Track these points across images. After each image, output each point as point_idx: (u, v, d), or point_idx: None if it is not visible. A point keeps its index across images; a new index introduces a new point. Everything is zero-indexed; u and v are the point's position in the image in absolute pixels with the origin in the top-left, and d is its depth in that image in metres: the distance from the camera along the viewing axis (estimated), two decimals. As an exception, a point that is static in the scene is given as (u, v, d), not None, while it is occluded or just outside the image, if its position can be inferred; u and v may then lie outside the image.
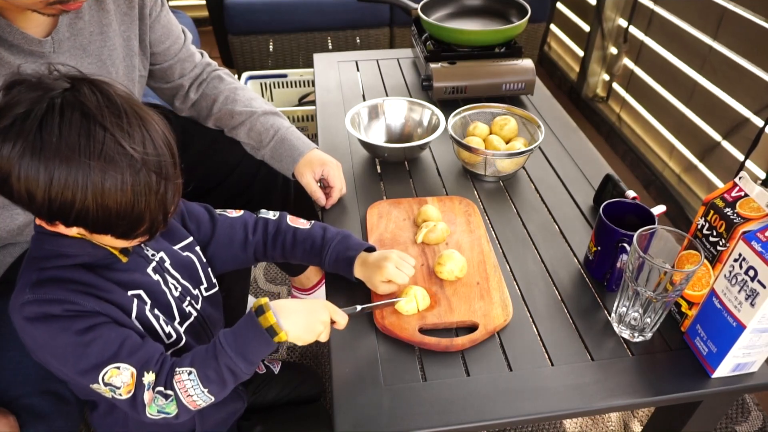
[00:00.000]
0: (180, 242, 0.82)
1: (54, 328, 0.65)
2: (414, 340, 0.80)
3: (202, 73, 1.16)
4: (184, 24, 2.09)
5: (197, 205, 0.88)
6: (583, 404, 0.73)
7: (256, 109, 1.12)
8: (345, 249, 0.87)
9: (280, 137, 1.09)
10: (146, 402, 0.67)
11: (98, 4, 0.94)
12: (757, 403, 1.36)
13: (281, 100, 2.31)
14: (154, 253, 0.77)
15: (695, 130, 1.83)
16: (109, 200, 0.60)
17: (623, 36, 2.18)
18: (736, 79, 1.63)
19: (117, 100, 0.61)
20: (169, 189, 0.64)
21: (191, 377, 0.68)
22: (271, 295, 1.63)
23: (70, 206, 0.60)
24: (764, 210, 0.71)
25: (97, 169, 0.58)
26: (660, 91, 1.99)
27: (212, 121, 1.15)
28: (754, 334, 0.70)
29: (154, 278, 0.75)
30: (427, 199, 1.07)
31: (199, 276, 0.84)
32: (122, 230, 0.64)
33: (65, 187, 0.58)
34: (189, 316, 0.80)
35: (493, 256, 0.94)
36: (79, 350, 0.65)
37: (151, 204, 0.63)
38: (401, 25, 2.43)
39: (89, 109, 0.58)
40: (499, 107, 1.21)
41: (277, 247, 0.89)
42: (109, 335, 0.67)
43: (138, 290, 0.73)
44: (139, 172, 0.60)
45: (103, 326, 0.67)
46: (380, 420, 0.71)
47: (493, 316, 0.84)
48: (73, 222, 0.62)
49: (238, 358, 0.68)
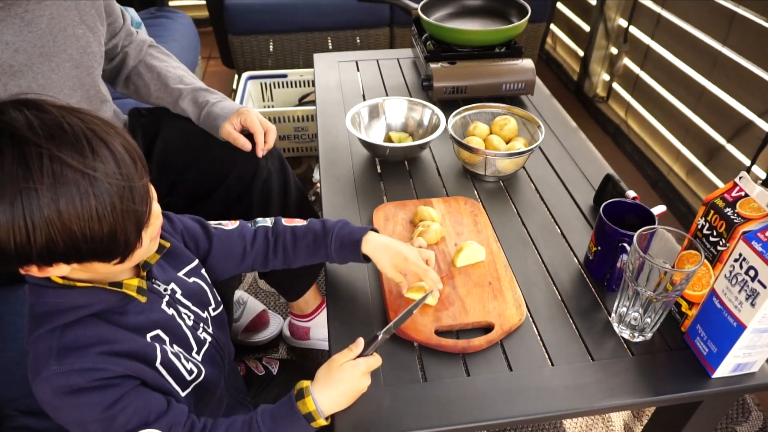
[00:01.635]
0: (186, 266, 0.80)
1: (83, 403, 0.62)
2: (431, 343, 0.80)
3: (141, 52, 1.18)
4: (184, 24, 2.10)
5: (189, 219, 0.86)
6: (583, 404, 0.73)
7: (186, 86, 1.16)
8: (349, 233, 0.86)
9: (206, 111, 1.13)
10: None
11: None
12: (757, 403, 1.36)
13: (281, 100, 2.31)
14: (166, 287, 0.75)
15: (700, 132, 1.83)
16: (72, 222, 0.54)
17: (623, 36, 2.18)
18: (740, 81, 1.63)
19: (55, 113, 0.55)
20: (136, 195, 0.58)
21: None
22: (271, 294, 1.63)
23: (29, 242, 0.54)
24: (764, 210, 0.71)
25: (45, 191, 0.52)
26: (665, 94, 1.98)
27: (153, 101, 1.19)
28: (755, 334, 0.70)
29: (169, 313, 0.73)
30: (432, 200, 1.07)
31: (207, 298, 0.83)
32: (104, 250, 0.58)
33: (15, 219, 0.52)
34: (204, 342, 0.79)
35: (502, 255, 0.95)
36: (106, 423, 0.63)
37: (120, 215, 0.57)
38: (401, 25, 2.43)
39: (19, 132, 0.52)
40: (499, 107, 1.21)
41: (278, 251, 0.88)
42: (136, 404, 0.65)
43: (155, 330, 0.70)
44: (96, 183, 0.54)
45: (130, 393, 0.65)
46: (380, 420, 0.71)
47: (507, 315, 0.84)
48: (47, 259, 0.56)
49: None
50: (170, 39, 1.93)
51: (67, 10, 0.97)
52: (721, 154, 1.74)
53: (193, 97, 1.14)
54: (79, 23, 0.99)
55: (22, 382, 0.88)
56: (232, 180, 1.16)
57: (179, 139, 1.17)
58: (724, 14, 1.65)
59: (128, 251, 0.61)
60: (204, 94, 1.15)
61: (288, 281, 1.35)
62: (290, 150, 2.18)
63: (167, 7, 2.20)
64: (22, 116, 0.53)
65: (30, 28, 0.91)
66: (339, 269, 0.93)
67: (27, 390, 0.87)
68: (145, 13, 2.10)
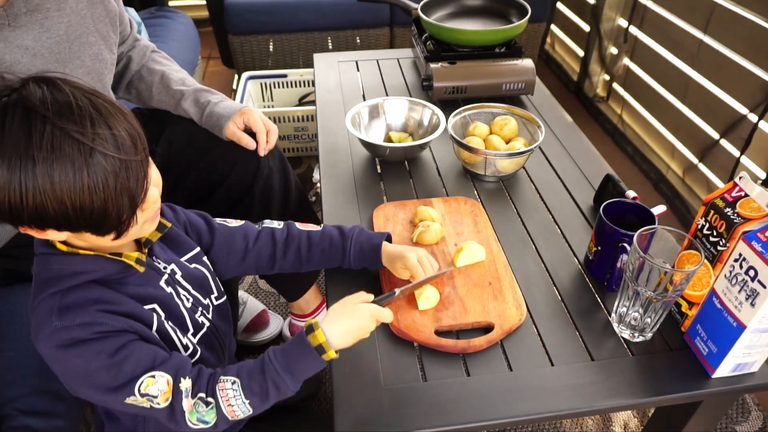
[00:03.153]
0: (187, 253, 0.82)
1: (87, 352, 0.64)
2: (431, 343, 0.80)
3: (144, 57, 1.20)
4: (184, 24, 2.10)
5: (194, 214, 0.88)
6: (583, 404, 0.73)
7: (188, 87, 1.17)
8: (368, 239, 0.88)
9: (208, 111, 1.14)
10: (186, 409, 0.68)
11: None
12: (757, 403, 1.36)
13: (281, 100, 2.31)
14: (166, 265, 0.77)
15: (699, 130, 1.83)
16: (63, 193, 0.57)
17: (623, 36, 2.18)
18: (729, 75, 1.63)
19: (68, 92, 0.59)
20: (131, 175, 0.61)
21: (234, 387, 0.69)
22: (271, 294, 1.63)
23: (21, 205, 0.58)
24: (764, 210, 0.71)
25: (42, 160, 0.56)
26: (665, 95, 1.98)
27: (154, 104, 1.19)
28: (755, 334, 0.70)
29: (167, 291, 0.75)
30: (432, 200, 1.07)
31: (210, 285, 0.84)
32: (95, 223, 0.61)
33: (11, 182, 0.57)
34: (202, 327, 0.80)
35: (502, 255, 0.95)
36: (113, 370, 0.65)
37: (113, 191, 0.60)
38: (401, 25, 2.43)
39: (31, 104, 0.57)
40: (499, 107, 1.21)
41: (289, 254, 0.88)
42: (140, 351, 0.67)
43: (152, 304, 0.72)
44: (92, 159, 0.58)
45: (132, 344, 0.67)
46: (380, 420, 0.71)
47: (507, 316, 0.84)
48: (39, 223, 0.60)
49: (286, 374, 0.69)
50: (170, 39, 1.93)
51: (83, 18, 0.99)
52: (717, 151, 1.74)
53: (194, 98, 1.15)
54: (93, 31, 1.02)
55: (23, 382, 0.88)
56: (234, 179, 1.17)
57: (182, 139, 1.18)
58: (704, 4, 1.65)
59: (123, 228, 0.64)
60: (205, 94, 1.15)
61: (288, 282, 1.35)
62: (290, 150, 2.18)
63: (167, 7, 2.20)
64: (39, 91, 0.58)
65: (49, 35, 0.93)
66: (339, 269, 0.93)
67: (27, 390, 0.87)
68: (145, 13, 2.10)
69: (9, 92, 0.58)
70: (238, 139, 1.11)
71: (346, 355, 0.79)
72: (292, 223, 0.91)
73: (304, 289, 1.37)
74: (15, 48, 0.89)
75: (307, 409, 1.17)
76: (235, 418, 0.70)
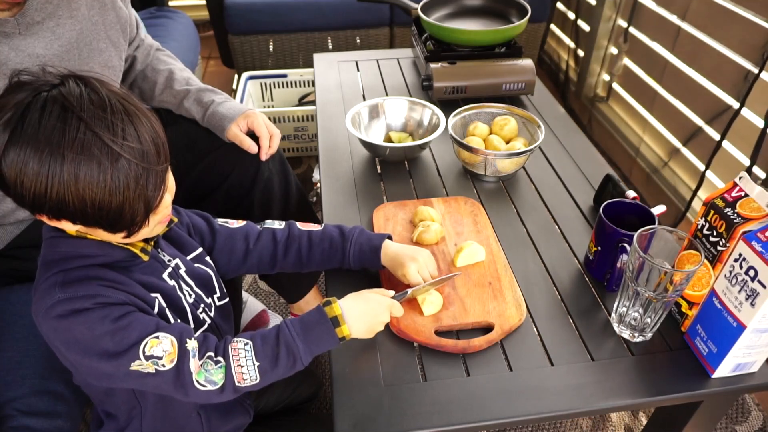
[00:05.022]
0: (191, 253, 0.82)
1: (90, 319, 0.65)
2: (431, 343, 0.80)
3: (148, 56, 1.19)
4: (184, 24, 2.10)
5: (196, 215, 0.88)
6: (583, 404, 0.73)
7: (192, 86, 1.17)
8: (368, 240, 0.88)
9: (211, 111, 1.13)
10: (193, 370, 0.68)
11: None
12: (757, 403, 1.36)
13: (281, 100, 2.31)
14: (170, 258, 0.77)
15: (699, 130, 1.83)
16: (85, 191, 0.60)
17: (623, 36, 2.18)
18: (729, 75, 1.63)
19: (104, 94, 0.61)
20: (150, 182, 0.64)
21: (246, 347, 0.70)
22: (271, 294, 1.63)
23: (45, 195, 0.60)
24: (764, 210, 0.71)
25: (70, 159, 0.59)
26: (666, 95, 1.99)
27: (156, 104, 1.19)
28: (755, 334, 0.70)
29: (170, 283, 0.75)
30: (432, 200, 1.07)
31: (213, 285, 0.84)
32: (110, 222, 0.64)
33: (39, 173, 0.59)
34: (203, 323, 0.80)
35: (502, 255, 0.95)
36: (118, 336, 0.65)
37: (131, 195, 0.62)
38: (401, 25, 2.43)
39: (69, 102, 0.59)
40: (499, 107, 1.21)
41: (290, 254, 0.88)
42: (143, 318, 0.68)
43: (156, 294, 0.73)
44: (117, 163, 0.60)
45: (135, 313, 0.68)
46: (380, 420, 0.71)
47: (507, 316, 0.84)
48: (57, 214, 0.62)
49: (299, 339, 0.71)
50: (170, 39, 1.93)
51: (95, 24, 0.99)
52: (720, 154, 1.74)
53: (197, 97, 1.15)
54: (104, 37, 1.02)
55: (22, 382, 0.88)
56: (234, 180, 1.16)
57: (182, 140, 1.17)
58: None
59: (134, 229, 0.66)
60: (209, 94, 1.15)
61: (289, 283, 1.35)
62: (290, 150, 2.18)
63: (167, 7, 2.20)
64: (78, 90, 0.61)
65: (60, 42, 0.93)
66: (339, 270, 0.93)
67: (27, 390, 0.87)
68: (145, 13, 2.10)
69: (49, 88, 0.60)
70: (240, 141, 1.11)
71: (346, 355, 0.79)
72: (294, 223, 0.91)
73: (305, 292, 1.37)
74: (26, 56, 0.89)
75: (308, 411, 1.17)
76: (242, 384, 0.70)
